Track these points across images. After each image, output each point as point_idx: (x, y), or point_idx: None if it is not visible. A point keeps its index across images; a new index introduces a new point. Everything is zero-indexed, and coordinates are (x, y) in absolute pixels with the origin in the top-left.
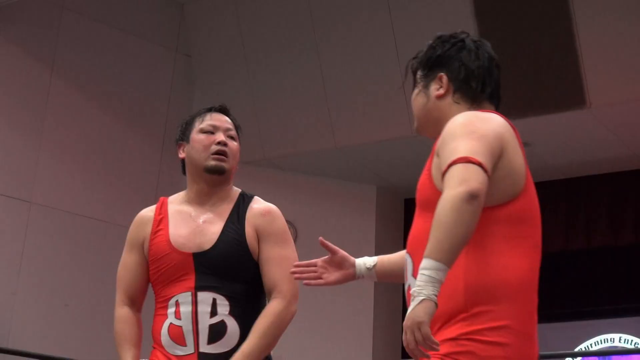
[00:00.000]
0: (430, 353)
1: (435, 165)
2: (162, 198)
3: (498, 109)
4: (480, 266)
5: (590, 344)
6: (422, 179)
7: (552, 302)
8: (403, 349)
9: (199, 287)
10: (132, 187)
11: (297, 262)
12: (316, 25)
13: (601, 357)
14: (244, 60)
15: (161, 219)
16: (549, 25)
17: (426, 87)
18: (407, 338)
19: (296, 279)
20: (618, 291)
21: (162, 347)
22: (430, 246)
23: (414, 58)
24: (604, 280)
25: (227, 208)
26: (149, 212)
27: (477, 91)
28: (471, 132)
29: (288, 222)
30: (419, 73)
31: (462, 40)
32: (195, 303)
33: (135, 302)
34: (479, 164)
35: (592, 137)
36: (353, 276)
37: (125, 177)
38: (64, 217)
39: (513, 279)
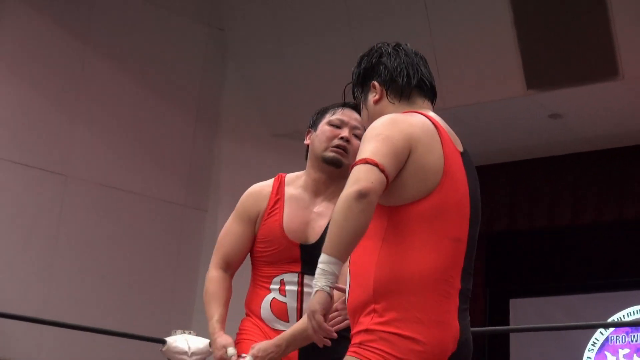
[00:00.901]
0: (354, 339)
1: None
2: (279, 175)
3: (433, 95)
4: (389, 260)
5: (623, 315)
6: None
7: (585, 274)
8: None
9: (306, 272)
10: (166, 160)
11: None
12: (350, 3)
13: (633, 328)
14: (276, 34)
15: (278, 200)
16: None
17: (366, 99)
18: (308, 326)
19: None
20: None
21: (259, 319)
22: (326, 242)
23: (349, 83)
24: (636, 252)
25: None
26: (266, 187)
27: (404, 84)
28: (377, 135)
29: None
30: (357, 92)
31: (379, 49)
32: (301, 284)
33: (230, 268)
34: (375, 164)
35: (625, 108)
36: None
37: (159, 150)
38: (99, 190)
39: (417, 272)
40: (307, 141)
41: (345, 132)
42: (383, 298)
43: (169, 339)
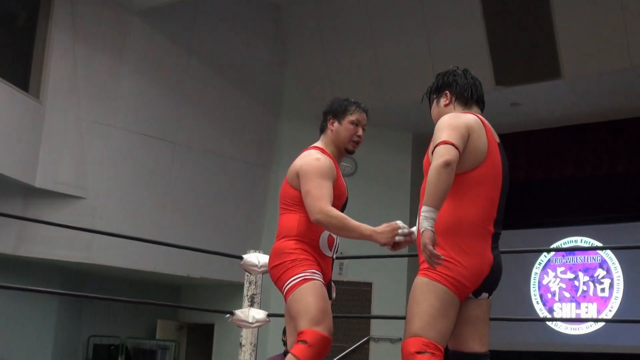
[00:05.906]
0: (422, 265)
1: (431, 148)
2: (320, 148)
3: (484, 107)
4: (449, 212)
5: (560, 244)
6: (425, 157)
7: (535, 215)
8: None
9: None
10: (244, 133)
11: None
12: (374, 26)
13: (567, 252)
14: (321, 47)
15: (335, 167)
16: (532, 14)
17: (438, 101)
18: (423, 256)
19: None
20: (580, 208)
21: (316, 244)
22: (425, 197)
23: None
24: (571, 200)
25: None
26: (328, 157)
27: (468, 97)
28: (448, 125)
29: (351, 160)
30: (433, 95)
31: (454, 71)
32: None
33: None
34: (452, 144)
35: (565, 99)
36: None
37: (238, 126)
38: (199, 154)
39: (465, 219)
40: (331, 127)
41: (360, 131)
42: (444, 235)
43: (245, 256)
